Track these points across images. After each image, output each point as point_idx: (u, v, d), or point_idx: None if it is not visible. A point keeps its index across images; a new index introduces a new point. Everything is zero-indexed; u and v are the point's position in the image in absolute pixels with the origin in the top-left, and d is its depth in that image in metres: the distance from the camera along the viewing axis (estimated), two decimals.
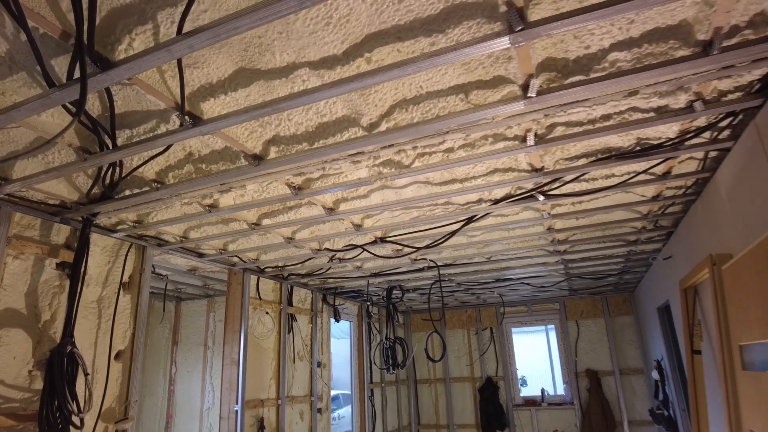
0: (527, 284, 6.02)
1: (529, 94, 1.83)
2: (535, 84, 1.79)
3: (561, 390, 7.28)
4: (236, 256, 4.19)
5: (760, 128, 2.01)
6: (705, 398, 3.32)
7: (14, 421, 2.50)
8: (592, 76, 1.82)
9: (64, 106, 1.82)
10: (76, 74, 1.57)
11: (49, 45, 1.58)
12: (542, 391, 7.21)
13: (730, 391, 2.44)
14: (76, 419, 2.55)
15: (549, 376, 8.13)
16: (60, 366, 2.46)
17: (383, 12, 1.50)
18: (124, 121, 2.04)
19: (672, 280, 4.18)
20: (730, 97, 2.01)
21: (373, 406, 6.44)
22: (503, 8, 1.46)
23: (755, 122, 2.07)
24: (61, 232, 2.94)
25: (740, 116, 2.16)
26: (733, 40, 1.66)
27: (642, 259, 4.97)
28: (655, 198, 3.19)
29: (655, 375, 5.72)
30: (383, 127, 2.14)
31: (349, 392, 6.71)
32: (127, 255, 3.33)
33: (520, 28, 1.46)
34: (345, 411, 11.38)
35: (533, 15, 1.50)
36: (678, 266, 3.92)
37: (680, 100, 2.01)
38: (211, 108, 1.95)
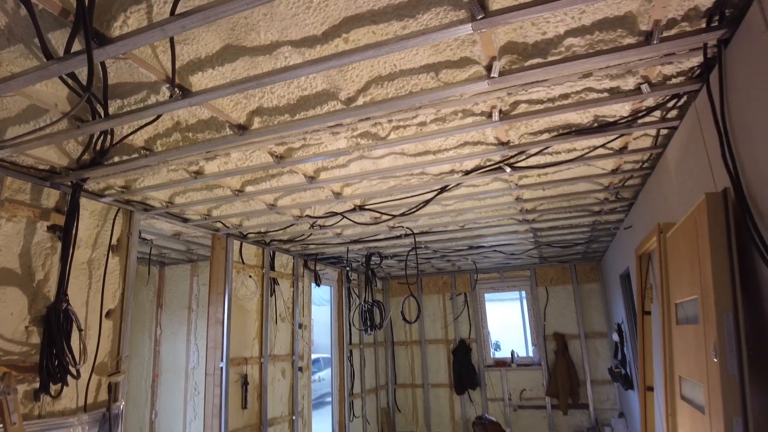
0: (499, 252, 6.32)
1: (492, 75, 2.01)
2: (498, 65, 1.98)
3: (531, 352, 7.71)
4: (220, 221, 4.35)
5: (699, 110, 2.24)
6: (651, 353, 3.67)
7: (14, 372, 2.67)
8: (550, 59, 2.01)
9: (61, 77, 1.94)
10: (74, 49, 1.69)
11: (47, 20, 1.69)
12: (512, 352, 7.64)
13: (667, 344, 2.75)
14: (72, 370, 2.74)
15: (522, 341, 8.57)
16: (57, 321, 2.64)
17: None
18: (116, 91, 2.16)
19: (632, 248, 4.49)
20: (674, 80, 2.22)
21: (351, 365, 6.77)
22: None
23: (695, 104, 2.29)
24: (50, 197, 3.05)
25: (684, 98, 2.38)
26: (672, 31, 1.86)
27: (606, 228, 5.28)
28: (614, 171, 3.43)
29: (615, 337, 6.14)
30: (360, 101, 2.30)
31: (329, 356, 7.02)
32: (115, 219, 3.46)
33: (481, 16, 1.63)
34: (325, 374, 11.83)
35: (494, 5, 1.67)
36: (637, 235, 4.21)
37: (629, 83, 2.22)
38: (199, 81, 2.08)
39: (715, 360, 1.83)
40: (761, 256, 1.66)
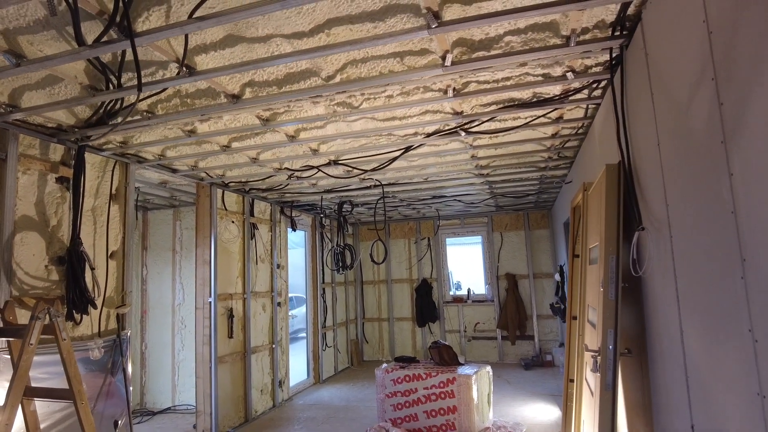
0: (459, 201, 6.94)
1: (446, 64, 2.48)
2: (450, 57, 2.44)
3: (486, 290, 8.55)
4: (205, 172, 4.75)
5: (613, 91, 2.77)
6: (577, 288, 4.40)
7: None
8: (493, 52, 2.49)
9: (89, 60, 2.31)
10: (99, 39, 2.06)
11: (80, 14, 2.04)
12: (468, 290, 8.47)
13: (582, 280, 3.44)
14: (94, 301, 3.22)
15: (481, 280, 9.42)
16: (78, 261, 3.09)
17: (340, 6, 2.07)
18: (129, 66, 2.53)
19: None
20: (593, 70, 2.74)
21: (324, 302, 7.45)
22: (424, 9, 2.07)
23: (611, 87, 2.82)
24: (57, 151, 3.40)
25: (604, 82, 2.92)
26: (587, 36, 2.36)
27: (552, 182, 5.93)
28: (554, 136, 4.00)
29: (557, 277, 6.96)
30: (338, 78, 2.74)
31: (302, 295, 7.63)
32: (113, 170, 3.84)
33: (435, 25, 2.09)
34: (297, 311, 12.58)
35: (446, 14, 2.12)
36: (575, 189, 4.85)
37: (557, 71, 2.73)
38: (203, 60, 2.47)
39: (602, 290, 2.49)
40: (633, 215, 2.27)
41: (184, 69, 2.44)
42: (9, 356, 2.65)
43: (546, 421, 4.93)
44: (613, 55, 2.47)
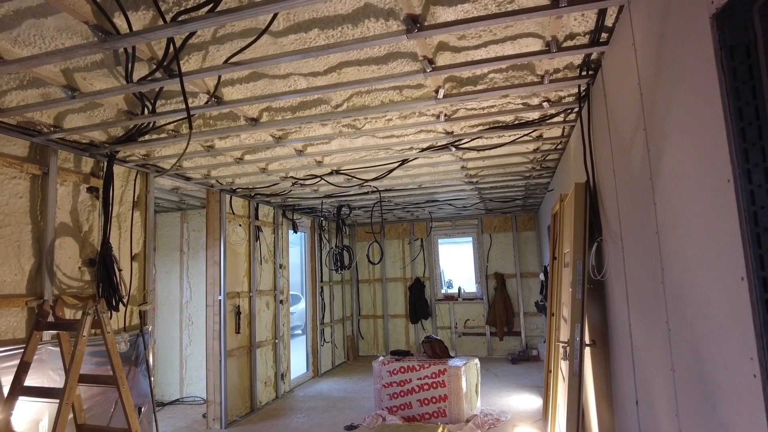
0: (451, 205, 7.37)
1: (438, 96, 2.90)
2: (442, 91, 2.86)
3: (475, 289, 8.99)
4: (216, 180, 5.12)
5: (581, 120, 3.20)
6: (555, 288, 4.84)
7: (76, 300, 3.52)
8: (479, 87, 2.90)
9: (134, 94, 2.69)
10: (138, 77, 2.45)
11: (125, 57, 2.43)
12: (459, 288, 8.91)
13: (557, 281, 3.87)
14: (123, 300, 3.60)
15: (472, 278, 9.86)
16: (110, 263, 3.47)
17: (350, 54, 2.47)
18: (163, 94, 2.91)
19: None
20: (566, 99, 3.17)
21: (322, 300, 7.85)
22: (420, 57, 2.47)
23: (580, 117, 3.25)
24: (87, 164, 3.77)
25: (576, 108, 3.34)
26: (559, 75, 2.78)
27: (537, 189, 6.37)
28: (535, 151, 4.43)
29: (542, 277, 7.41)
30: (345, 106, 3.14)
31: (299, 293, 8.04)
32: (135, 180, 4.21)
33: (430, 69, 2.50)
34: (295, 308, 12.99)
35: (439, 60, 2.53)
36: (557, 197, 5.29)
37: (535, 101, 3.15)
38: (229, 92, 2.86)
39: (570, 290, 2.91)
40: (595, 228, 2.69)
41: (213, 99, 2.83)
42: (57, 348, 3.03)
43: (529, 409, 5.38)
44: (582, 89, 2.89)
